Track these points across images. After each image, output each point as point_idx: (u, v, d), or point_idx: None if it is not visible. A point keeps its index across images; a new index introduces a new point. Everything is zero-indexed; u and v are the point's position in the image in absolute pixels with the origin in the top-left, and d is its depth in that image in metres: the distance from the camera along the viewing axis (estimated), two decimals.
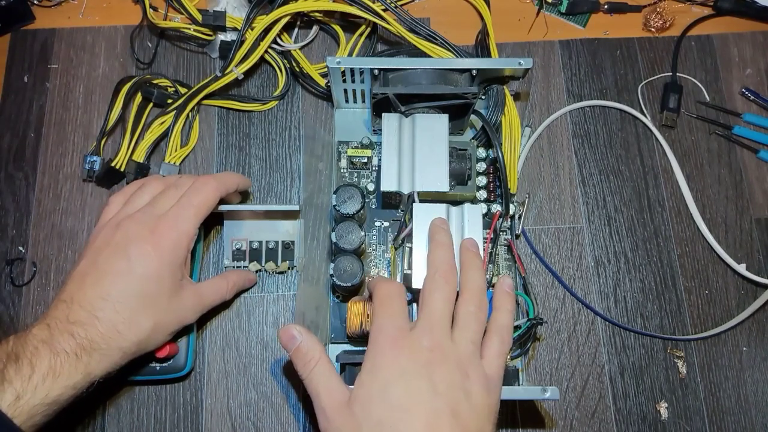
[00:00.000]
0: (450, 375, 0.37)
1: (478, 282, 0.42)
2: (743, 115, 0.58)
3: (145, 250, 0.41)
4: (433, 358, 0.38)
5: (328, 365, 0.40)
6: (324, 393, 0.38)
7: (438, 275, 0.41)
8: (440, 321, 0.39)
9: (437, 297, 0.40)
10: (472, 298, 0.41)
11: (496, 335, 0.41)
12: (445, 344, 0.38)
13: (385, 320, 0.40)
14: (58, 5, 0.61)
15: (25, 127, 0.57)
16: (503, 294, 0.44)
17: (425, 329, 0.39)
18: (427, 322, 0.39)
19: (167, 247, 0.42)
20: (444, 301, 0.40)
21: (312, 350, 0.40)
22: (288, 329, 0.41)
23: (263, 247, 0.52)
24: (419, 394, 0.36)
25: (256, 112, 0.58)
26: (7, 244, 0.54)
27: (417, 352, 0.38)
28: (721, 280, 0.54)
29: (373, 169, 0.54)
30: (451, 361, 0.38)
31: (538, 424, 0.50)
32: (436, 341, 0.38)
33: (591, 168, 0.57)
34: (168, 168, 0.54)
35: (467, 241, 0.45)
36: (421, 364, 0.37)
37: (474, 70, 0.49)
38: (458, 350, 0.39)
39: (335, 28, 0.59)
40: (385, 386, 0.37)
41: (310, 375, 0.39)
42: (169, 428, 0.49)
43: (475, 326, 0.40)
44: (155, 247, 0.41)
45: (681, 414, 0.51)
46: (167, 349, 0.46)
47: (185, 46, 0.59)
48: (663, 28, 0.61)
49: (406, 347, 0.38)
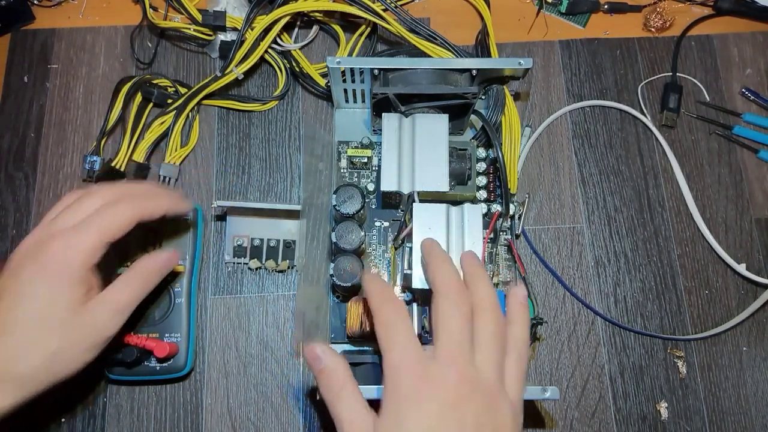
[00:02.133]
0: (479, 412, 0.34)
1: (491, 297, 0.39)
2: (743, 115, 0.58)
3: (32, 272, 0.39)
4: (461, 395, 0.34)
5: (352, 390, 0.36)
6: (347, 423, 0.35)
7: (451, 294, 0.38)
8: (462, 347, 0.36)
9: (455, 320, 0.37)
10: (490, 316, 0.38)
11: (514, 352, 0.38)
12: (470, 374, 0.35)
13: (398, 354, 0.35)
14: (58, 5, 0.61)
15: (25, 127, 0.57)
16: (517, 305, 0.40)
17: (448, 360, 0.35)
18: (449, 351, 0.36)
19: (55, 268, 0.39)
20: (463, 324, 0.37)
21: (337, 372, 0.37)
22: (313, 348, 0.37)
23: (264, 244, 0.52)
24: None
25: (256, 112, 0.58)
26: (7, 244, 0.54)
27: (444, 390, 0.34)
28: (721, 280, 0.54)
29: (373, 169, 0.54)
30: (479, 394, 0.35)
31: (538, 424, 0.50)
32: (462, 373, 0.35)
33: (591, 168, 0.57)
34: (168, 168, 0.54)
35: (467, 254, 0.43)
36: (449, 404, 0.34)
37: (474, 70, 0.49)
38: (484, 379, 0.35)
39: (335, 28, 0.59)
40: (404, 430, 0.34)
41: (334, 400, 0.36)
42: (169, 428, 0.49)
43: (497, 347, 0.37)
44: (43, 268, 0.39)
45: (681, 414, 0.51)
46: (167, 349, 0.46)
47: (185, 46, 0.59)
48: (663, 28, 0.61)
49: (430, 386, 0.34)
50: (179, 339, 0.49)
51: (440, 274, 0.39)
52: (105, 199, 0.42)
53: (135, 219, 0.41)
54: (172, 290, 0.50)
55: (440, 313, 0.37)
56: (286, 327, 0.52)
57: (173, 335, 0.49)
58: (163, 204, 0.44)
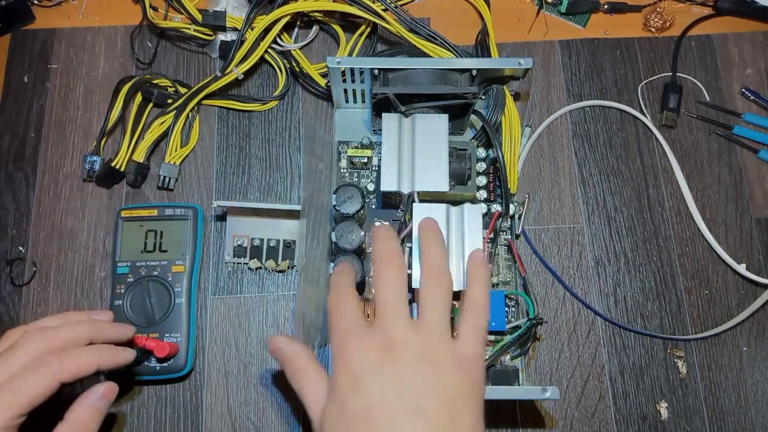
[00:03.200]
0: (411, 369, 0.35)
1: (433, 257, 0.39)
2: (743, 115, 0.58)
3: None
4: (390, 354, 0.35)
5: (314, 374, 0.38)
6: (310, 404, 0.37)
7: (377, 264, 0.39)
8: (393, 310, 0.37)
9: (383, 286, 0.37)
10: (429, 274, 0.38)
11: (469, 311, 0.38)
12: (402, 335, 0.36)
13: (333, 329, 0.37)
14: (58, 5, 0.61)
15: (25, 127, 0.57)
16: (473, 266, 0.41)
17: (379, 324, 0.36)
18: (380, 315, 0.37)
19: None
20: (391, 288, 0.37)
21: (298, 359, 0.39)
22: (273, 341, 0.40)
23: (264, 244, 0.52)
24: (378, 399, 0.34)
25: (256, 112, 0.58)
26: (7, 244, 0.54)
27: (369, 352, 0.35)
28: (721, 280, 0.54)
29: (373, 169, 0.54)
30: (411, 352, 0.35)
31: (538, 424, 0.50)
32: (392, 334, 0.36)
33: (591, 168, 0.57)
34: (168, 168, 0.54)
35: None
36: (375, 364, 0.35)
37: (474, 70, 0.49)
38: (420, 337, 0.36)
39: (335, 28, 0.59)
40: (342, 400, 0.35)
41: (297, 386, 0.38)
42: (169, 428, 0.49)
43: (434, 303, 0.37)
44: None
45: (681, 414, 0.51)
46: (167, 349, 0.46)
47: (185, 46, 0.59)
48: (663, 28, 0.61)
49: (356, 350, 0.36)
50: (179, 339, 0.49)
51: (376, 249, 0.40)
52: (30, 355, 0.37)
53: (56, 386, 0.37)
54: (172, 290, 0.50)
55: (374, 286, 0.39)
56: (286, 327, 0.52)
57: (173, 335, 0.49)
58: (93, 362, 0.39)
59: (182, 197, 0.55)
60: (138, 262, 0.51)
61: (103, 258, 0.53)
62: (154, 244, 0.51)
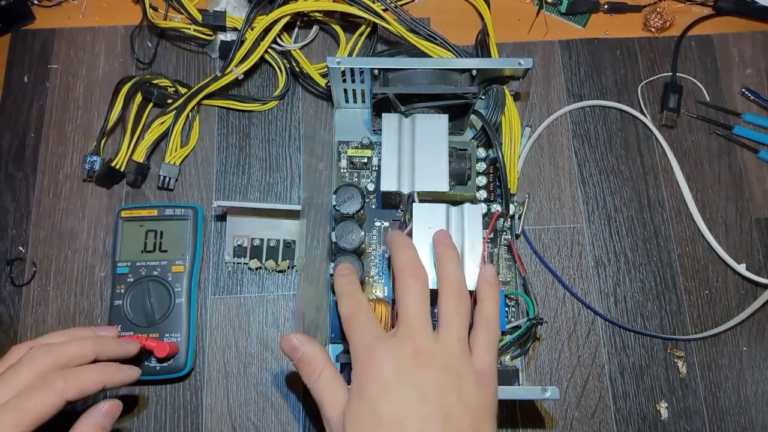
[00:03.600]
0: (438, 378, 0.36)
1: (454, 275, 0.41)
2: (743, 115, 0.58)
3: None
4: (418, 364, 0.37)
5: (331, 374, 0.39)
6: (328, 404, 0.38)
7: (404, 275, 0.40)
8: (418, 322, 0.38)
9: (409, 298, 0.39)
10: (451, 292, 0.40)
11: (483, 327, 0.40)
12: (428, 347, 0.37)
13: (357, 337, 0.38)
14: (58, 5, 0.61)
15: (25, 127, 0.57)
16: (485, 284, 0.42)
17: (405, 334, 0.38)
18: (406, 325, 0.38)
19: None
20: (417, 301, 0.39)
21: (315, 359, 0.39)
22: (289, 339, 0.40)
23: (264, 244, 0.52)
24: (407, 404, 0.35)
25: (256, 112, 0.58)
26: (7, 244, 0.54)
27: (399, 361, 0.37)
28: (721, 280, 0.54)
29: (373, 169, 0.54)
30: (437, 363, 0.37)
31: (538, 424, 0.50)
32: (419, 345, 0.37)
33: (591, 168, 0.57)
34: (168, 168, 0.54)
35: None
36: (405, 372, 0.36)
37: (474, 70, 0.49)
38: (444, 350, 0.37)
39: (335, 28, 0.59)
40: (372, 404, 0.36)
41: (314, 385, 0.39)
42: (169, 428, 0.49)
43: (457, 321, 0.39)
44: None
45: (681, 414, 0.51)
46: (167, 348, 0.46)
47: (185, 46, 0.59)
48: (663, 28, 0.61)
49: (386, 358, 0.37)
50: (179, 339, 0.49)
51: (396, 258, 0.41)
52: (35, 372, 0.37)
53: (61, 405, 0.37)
54: (172, 290, 0.50)
55: (397, 295, 0.40)
56: (286, 327, 0.52)
57: (173, 335, 0.49)
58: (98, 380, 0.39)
59: (182, 197, 0.55)
60: (138, 262, 0.51)
61: (103, 258, 0.53)
62: (154, 244, 0.51)
